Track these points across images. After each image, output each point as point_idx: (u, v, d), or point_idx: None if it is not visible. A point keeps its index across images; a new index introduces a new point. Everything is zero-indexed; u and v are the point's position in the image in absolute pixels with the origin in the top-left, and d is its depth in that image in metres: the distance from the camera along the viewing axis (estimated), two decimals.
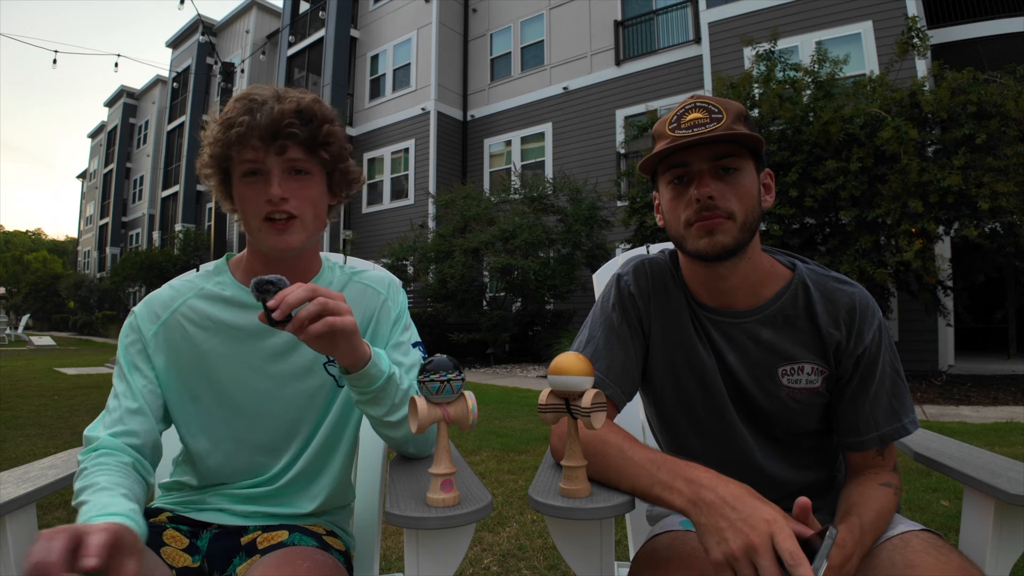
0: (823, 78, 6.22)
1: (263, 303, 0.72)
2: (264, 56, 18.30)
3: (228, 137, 0.84)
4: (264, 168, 0.85)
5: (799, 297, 0.89)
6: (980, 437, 3.80)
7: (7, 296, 27.80)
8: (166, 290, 0.95)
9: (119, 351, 0.92)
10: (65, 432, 4.13)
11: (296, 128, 0.84)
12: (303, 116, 0.85)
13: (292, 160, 0.86)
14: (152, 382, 0.90)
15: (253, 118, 0.83)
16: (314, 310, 0.73)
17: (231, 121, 0.84)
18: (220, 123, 0.86)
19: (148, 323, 0.92)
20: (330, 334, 0.74)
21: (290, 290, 0.72)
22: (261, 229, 0.87)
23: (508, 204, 9.95)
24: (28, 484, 0.86)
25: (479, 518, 0.73)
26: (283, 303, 0.71)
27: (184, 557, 0.84)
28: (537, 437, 3.96)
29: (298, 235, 0.88)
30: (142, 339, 0.91)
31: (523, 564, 2.02)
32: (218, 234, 9.67)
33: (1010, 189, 4.91)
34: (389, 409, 0.87)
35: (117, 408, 0.86)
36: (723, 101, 0.84)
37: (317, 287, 0.74)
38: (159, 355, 0.91)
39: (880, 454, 0.87)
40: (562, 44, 12.26)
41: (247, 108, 0.84)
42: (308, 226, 0.89)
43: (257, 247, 0.92)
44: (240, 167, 0.86)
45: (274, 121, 0.83)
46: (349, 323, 0.76)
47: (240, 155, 0.85)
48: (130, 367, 0.90)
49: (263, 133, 0.83)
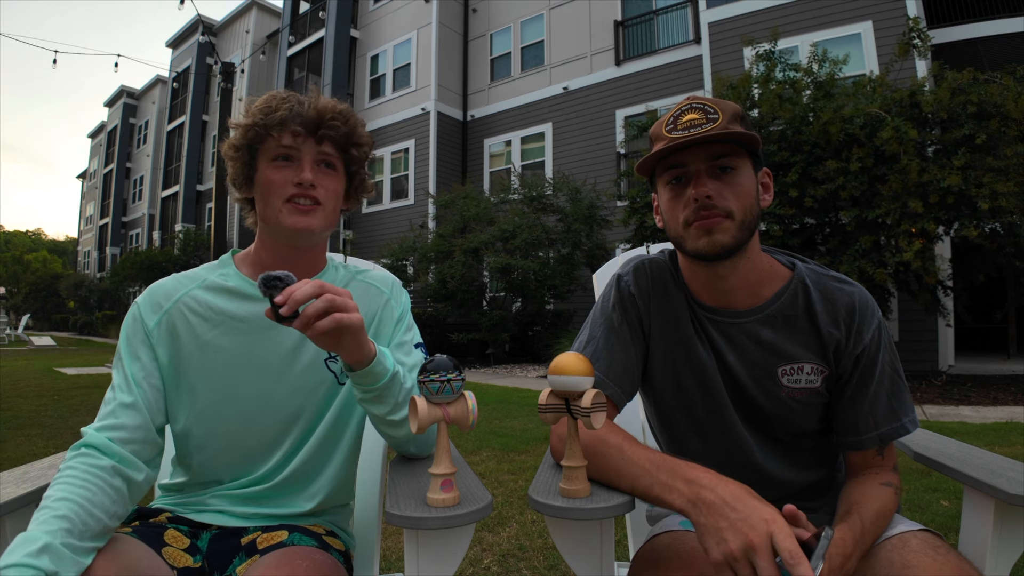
0: (823, 78, 6.22)
1: (270, 299, 0.72)
2: (264, 56, 18.30)
3: (271, 119, 0.88)
4: (297, 155, 0.90)
5: (799, 297, 0.90)
6: (980, 437, 3.80)
7: (7, 296, 27.82)
8: (169, 281, 0.95)
9: (121, 341, 0.91)
10: (65, 432, 4.12)
11: (338, 122, 0.91)
12: (343, 116, 0.92)
13: (325, 153, 0.91)
14: (152, 373, 0.89)
15: (300, 107, 0.89)
16: (321, 306, 0.73)
17: (273, 107, 0.89)
18: (260, 108, 0.90)
19: (151, 313, 0.91)
20: (337, 331, 0.75)
21: (297, 286, 0.72)
22: (282, 210, 0.89)
23: (508, 204, 9.95)
24: (28, 484, 0.86)
25: (479, 518, 0.73)
26: (291, 299, 0.71)
27: (185, 557, 0.83)
28: (537, 437, 3.96)
29: (318, 220, 0.91)
30: (145, 329, 0.90)
31: (523, 564, 2.02)
32: (218, 234, 9.67)
33: (1010, 189, 4.91)
34: (392, 408, 0.87)
35: (111, 401, 0.85)
36: (719, 102, 0.84)
37: (324, 283, 0.75)
38: (161, 346, 0.90)
39: (880, 453, 0.87)
40: (562, 44, 12.26)
41: (287, 98, 0.90)
42: (328, 216, 0.93)
43: (271, 231, 0.93)
44: (272, 151, 0.90)
45: (319, 113, 0.89)
46: (356, 320, 0.76)
47: (278, 138, 0.89)
48: (131, 357, 0.89)
49: (307, 122, 0.89)
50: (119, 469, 0.79)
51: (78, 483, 0.73)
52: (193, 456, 0.93)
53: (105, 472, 0.77)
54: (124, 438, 0.82)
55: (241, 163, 0.93)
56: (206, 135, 21.30)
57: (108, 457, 0.79)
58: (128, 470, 0.80)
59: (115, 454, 0.80)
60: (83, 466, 0.76)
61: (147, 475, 0.84)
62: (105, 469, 0.77)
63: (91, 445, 0.79)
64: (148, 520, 0.89)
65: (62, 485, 0.72)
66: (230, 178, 0.96)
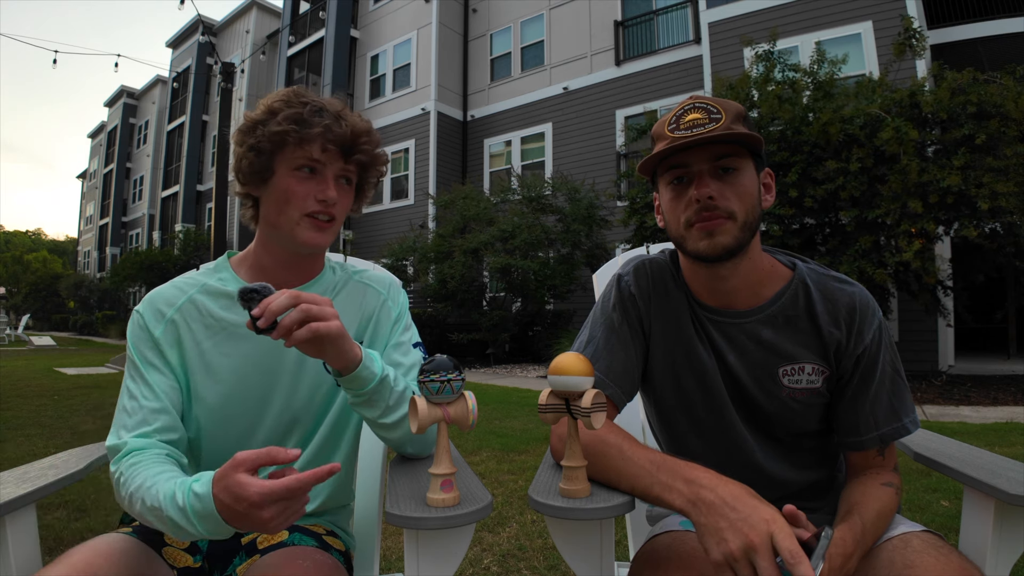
0: (822, 78, 6.22)
1: (248, 311, 0.74)
2: (264, 56, 18.30)
3: (305, 134, 0.86)
4: (322, 169, 0.90)
5: (799, 297, 0.89)
6: (980, 437, 3.80)
7: (7, 296, 27.81)
8: (168, 288, 0.95)
9: (130, 352, 0.90)
10: (65, 432, 4.12)
11: (369, 147, 0.93)
12: (373, 140, 0.94)
13: (347, 170, 0.92)
14: (170, 378, 0.89)
15: (336, 124, 0.88)
16: (297, 317, 0.74)
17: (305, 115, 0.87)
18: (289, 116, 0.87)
19: (155, 321, 0.91)
20: (316, 339, 0.76)
21: (273, 298, 0.74)
22: (300, 223, 0.89)
23: (507, 204, 9.95)
24: (28, 484, 0.86)
25: (479, 518, 0.73)
26: (267, 311, 0.73)
27: (185, 557, 0.83)
28: (537, 437, 3.96)
29: (331, 236, 0.93)
30: (151, 336, 0.90)
31: (523, 564, 2.01)
32: (218, 234, 9.68)
33: (1010, 189, 4.91)
34: (383, 411, 0.87)
35: (138, 410, 0.84)
36: (722, 101, 0.84)
37: (300, 293, 0.76)
38: (170, 352, 0.90)
39: (880, 454, 0.87)
40: (562, 44, 12.26)
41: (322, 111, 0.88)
42: (337, 230, 0.95)
43: (279, 239, 0.93)
44: (298, 160, 0.88)
45: (355, 135, 0.90)
46: (334, 327, 0.77)
47: (308, 150, 0.87)
48: (147, 366, 0.88)
49: (344, 141, 0.89)
50: (174, 456, 0.83)
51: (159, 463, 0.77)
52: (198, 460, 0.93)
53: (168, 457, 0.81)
54: (169, 439, 0.84)
55: (258, 161, 0.90)
56: (206, 135, 21.30)
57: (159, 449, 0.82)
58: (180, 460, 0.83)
59: (165, 448, 0.83)
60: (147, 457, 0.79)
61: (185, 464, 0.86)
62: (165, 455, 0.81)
63: (133, 449, 0.80)
64: None
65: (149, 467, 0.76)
66: (237, 170, 0.92)
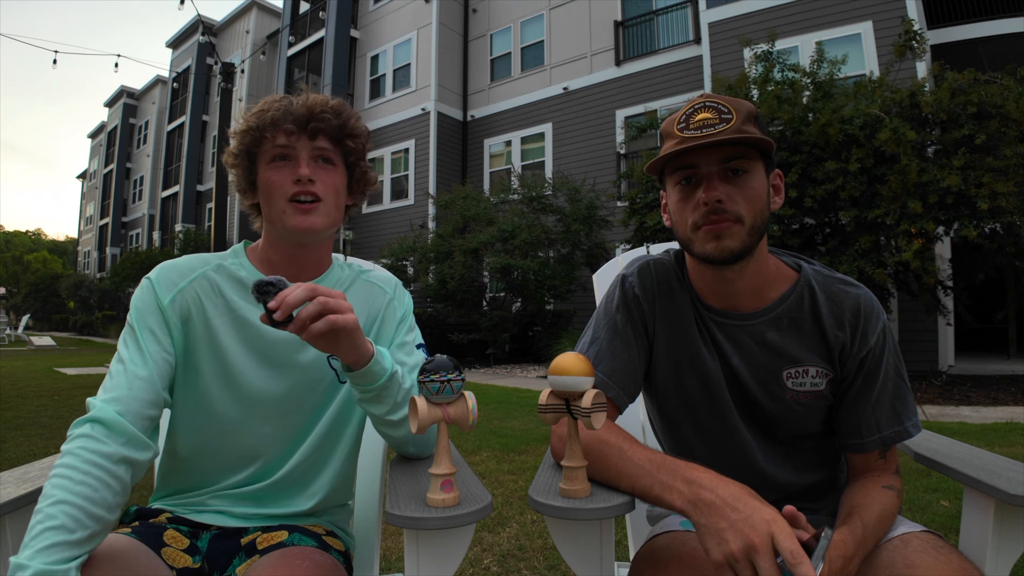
0: (822, 79, 6.22)
1: (264, 304, 0.73)
2: (264, 56, 18.30)
3: (263, 121, 0.89)
4: (294, 153, 0.90)
5: (805, 299, 0.89)
6: (980, 437, 3.80)
7: (7, 296, 27.78)
8: (184, 260, 0.95)
9: (132, 316, 0.88)
10: (65, 432, 4.10)
11: (329, 116, 0.91)
12: (334, 110, 0.93)
13: (321, 148, 0.91)
14: (167, 350, 0.87)
15: (291, 105, 0.90)
16: (314, 310, 0.73)
17: (266, 108, 0.91)
18: (254, 113, 0.92)
19: (165, 290, 0.90)
20: (332, 332, 0.75)
21: (290, 290, 0.73)
22: (285, 210, 0.90)
23: (507, 204, 9.95)
24: (28, 484, 0.86)
25: (479, 518, 0.73)
26: (284, 304, 0.72)
27: (184, 558, 0.83)
28: (537, 437, 3.96)
29: (321, 218, 0.91)
30: (159, 303, 0.89)
31: (523, 564, 2.01)
32: (218, 234, 9.68)
33: (1010, 189, 4.91)
34: (391, 408, 0.88)
35: (122, 373, 0.81)
36: (734, 101, 0.82)
37: (317, 286, 0.75)
38: (174, 322, 0.89)
39: (882, 456, 0.86)
40: (562, 44, 12.26)
41: (280, 100, 0.92)
42: (330, 212, 0.93)
43: (277, 233, 0.93)
44: (269, 152, 0.91)
45: (309, 109, 0.90)
46: (351, 321, 0.76)
47: (272, 139, 0.90)
48: (145, 330, 0.86)
49: (298, 119, 0.89)
50: (124, 456, 0.75)
51: (78, 478, 0.69)
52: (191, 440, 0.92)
53: (108, 461, 0.73)
54: (135, 413, 0.78)
55: (243, 169, 0.94)
56: (206, 135, 21.29)
57: (115, 437, 0.75)
58: (134, 452, 0.76)
59: (123, 433, 0.76)
60: (85, 453, 0.72)
61: (152, 453, 0.80)
62: (109, 457, 0.73)
63: (99, 421, 0.75)
64: (148, 520, 0.89)
65: (61, 480, 0.69)
66: (235, 186, 0.97)
